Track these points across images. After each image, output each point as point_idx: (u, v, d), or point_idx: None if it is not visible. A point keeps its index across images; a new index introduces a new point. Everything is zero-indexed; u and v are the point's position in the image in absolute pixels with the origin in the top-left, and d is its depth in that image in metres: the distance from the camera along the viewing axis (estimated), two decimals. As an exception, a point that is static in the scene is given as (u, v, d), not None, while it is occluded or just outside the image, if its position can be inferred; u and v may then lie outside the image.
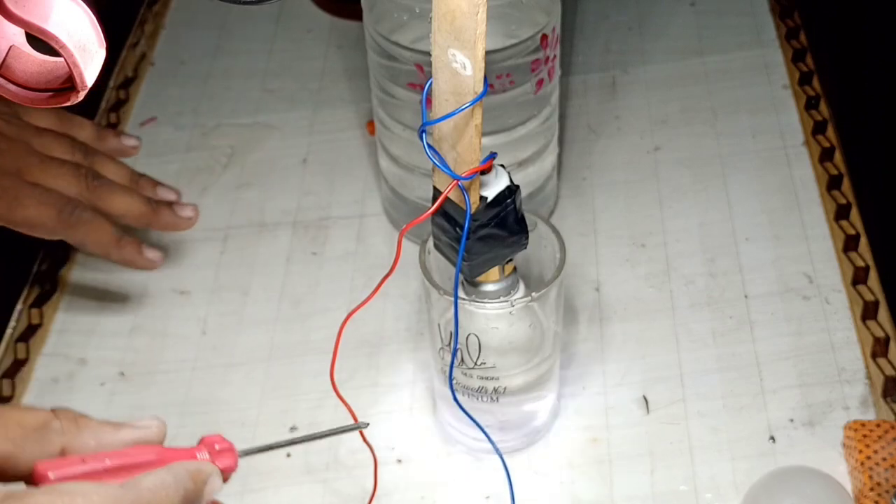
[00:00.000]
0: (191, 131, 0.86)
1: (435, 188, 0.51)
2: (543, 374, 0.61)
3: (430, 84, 0.47)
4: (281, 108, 0.87)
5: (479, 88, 0.45)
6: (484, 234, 0.51)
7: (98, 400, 0.68)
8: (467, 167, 0.49)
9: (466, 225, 0.50)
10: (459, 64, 0.45)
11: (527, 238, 0.53)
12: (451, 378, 0.57)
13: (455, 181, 0.48)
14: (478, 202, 0.50)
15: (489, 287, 0.55)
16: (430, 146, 0.49)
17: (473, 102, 0.46)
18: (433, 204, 0.50)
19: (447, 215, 0.51)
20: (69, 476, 0.39)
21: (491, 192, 0.50)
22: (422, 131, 0.48)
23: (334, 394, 0.54)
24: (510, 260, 0.55)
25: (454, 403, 0.58)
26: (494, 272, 0.55)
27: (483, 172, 0.50)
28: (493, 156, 0.50)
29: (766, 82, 0.86)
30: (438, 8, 0.44)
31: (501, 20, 0.65)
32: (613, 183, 0.79)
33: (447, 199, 0.50)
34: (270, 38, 0.94)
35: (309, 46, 0.93)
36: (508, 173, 0.51)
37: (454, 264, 0.53)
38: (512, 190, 0.51)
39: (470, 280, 0.55)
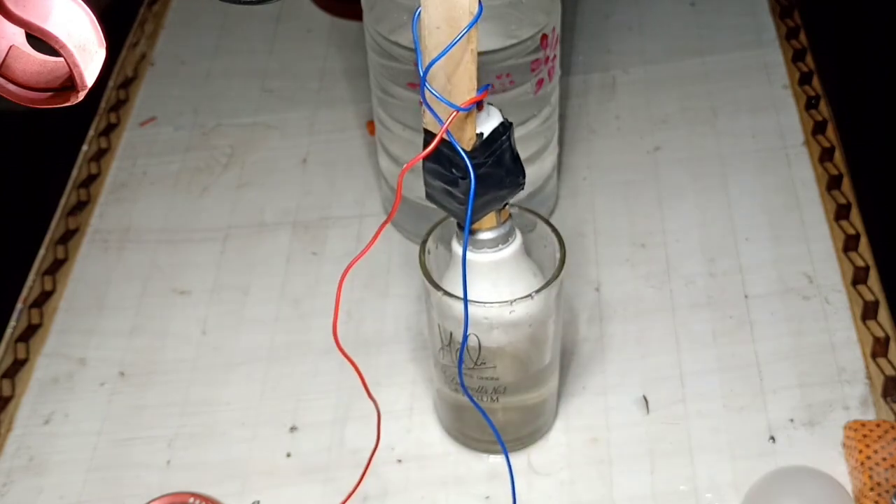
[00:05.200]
0: (191, 131, 0.86)
1: (426, 131, 0.49)
2: (543, 373, 0.61)
3: (419, 15, 0.44)
4: (281, 108, 0.87)
5: (475, 9, 0.42)
6: (482, 174, 0.48)
7: (98, 400, 0.68)
8: (464, 98, 0.45)
9: (472, 174, 0.46)
10: None
11: (524, 178, 0.51)
12: (461, 374, 0.56)
13: (455, 112, 0.45)
14: (474, 138, 0.48)
15: (486, 235, 0.53)
16: (424, 81, 0.45)
17: (471, 25, 0.42)
18: (425, 147, 0.47)
19: (440, 157, 0.48)
20: None
21: (485, 130, 0.48)
22: (424, 76, 0.44)
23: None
24: (506, 205, 0.53)
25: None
26: (491, 218, 0.53)
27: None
28: (487, 87, 0.47)
29: (766, 82, 0.86)
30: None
31: (501, 20, 0.65)
32: (613, 183, 0.79)
33: (442, 139, 0.46)
34: (270, 38, 0.94)
35: (309, 46, 0.93)
36: (500, 110, 0.49)
37: (449, 212, 0.51)
38: (506, 126, 0.48)
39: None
